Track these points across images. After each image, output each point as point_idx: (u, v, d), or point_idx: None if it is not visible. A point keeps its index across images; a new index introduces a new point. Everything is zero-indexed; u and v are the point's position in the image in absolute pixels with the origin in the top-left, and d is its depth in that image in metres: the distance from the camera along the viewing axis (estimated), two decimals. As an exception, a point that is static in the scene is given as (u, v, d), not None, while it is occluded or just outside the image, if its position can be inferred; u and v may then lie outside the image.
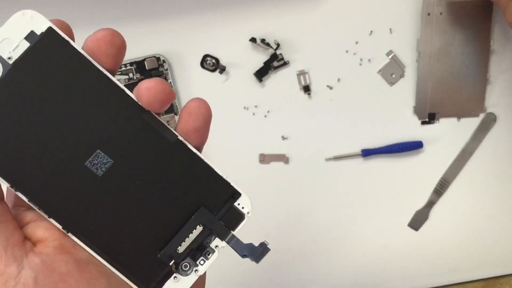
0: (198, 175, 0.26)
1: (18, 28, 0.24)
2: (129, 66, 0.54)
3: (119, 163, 0.24)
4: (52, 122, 0.23)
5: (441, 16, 0.54)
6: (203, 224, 0.26)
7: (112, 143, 0.24)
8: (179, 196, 0.25)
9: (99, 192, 0.24)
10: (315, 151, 0.57)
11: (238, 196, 0.27)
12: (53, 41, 0.24)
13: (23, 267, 0.23)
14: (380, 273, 0.59)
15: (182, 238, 0.25)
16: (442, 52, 0.55)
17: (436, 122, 0.57)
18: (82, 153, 0.24)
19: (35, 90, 0.23)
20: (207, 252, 0.26)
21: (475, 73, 0.56)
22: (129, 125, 0.24)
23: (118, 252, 0.25)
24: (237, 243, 0.26)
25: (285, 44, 0.55)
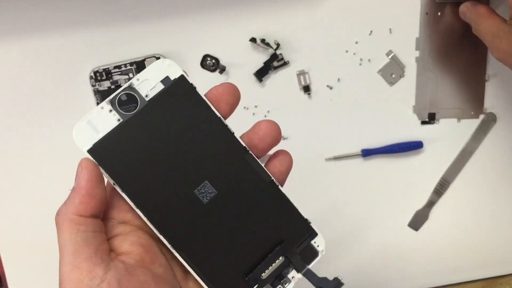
0: (285, 213, 0.30)
1: (156, 72, 0.28)
2: (129, 66, 0.54)
3: (221, 194, 0.28)
4: (172, 152, 0.28)
5: (439, 15, 0.54)
6: (285, 256, 0.29)
7: (218, 176, 0.28)
8: (267, 229, 0.29)
9: (202, 217, 0.28)
10: (315, 151, 0.57)
11: (315, 235, 0.31)
12: (183, 86, 0.28)
13: (109, 269, 0.26)
14: (380, 273, 0.59)
15: (266, 266, 0.29)
16: (441, 51, 0.55)
17: (436, 122, 0.57)
18: (193, 182, 0.28)
19: (162, 125, 0.28)
20: (284, 282, 0.30)
21: (473, 72, 0.56)
22: (234, 163, 0.29)
23: (210, 271, 0.28)
24: (312, 275, 0.30)
25: (285, 44, 0.55)
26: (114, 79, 0.54)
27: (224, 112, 0.29)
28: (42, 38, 0.54)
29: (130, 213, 0.28)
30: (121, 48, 0.54)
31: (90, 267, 0.25)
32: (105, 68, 0.53)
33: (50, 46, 0.54)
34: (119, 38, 0.54)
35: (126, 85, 0.28)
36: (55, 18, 0.54)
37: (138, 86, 0.28)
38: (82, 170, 0.27)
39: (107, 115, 0.27)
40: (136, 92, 0.28)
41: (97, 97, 0.53)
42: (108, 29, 0.54)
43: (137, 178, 0.27)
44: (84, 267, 0.25)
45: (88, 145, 0.27)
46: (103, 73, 0.53)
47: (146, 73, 0.28)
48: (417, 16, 0.55)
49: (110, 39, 0.54)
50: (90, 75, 0.53)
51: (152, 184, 0.28)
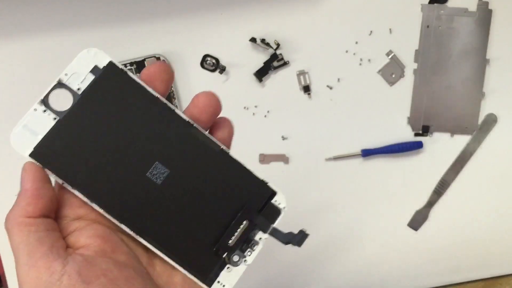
0: (241, 178, 0.30)
1: (84, 63, 0.27)
2: (129, 66, 0.54)
3: (174, 172, 0.28)
4: (117, 140, 0.28)
5: (440, 29, 0.55)
6: (248, 219, 0.29)
7: (167, 155, 0.28)
8: (226, 197, 0.29)
9: (159, 198, 0.28)
10: (315, 151, 0.57)
11: (275, 194, 0.31)
12: (113, 73, 0.28)
13: (67, 263, 0.25)
14: (380, 272, 0.59)
15: (231, 233, 0.29)
16: (439, 65, 0.55)
17: (429, 135, 0.57)
18: (144, 166, 0.28)
19: (101, 115, 0.27)
20: (253, 244, 0.30)
21: (470, 88, 0.56)
22: (181, 139, 0.28)
23: (178, 250, 0.28)
24: (278, 233, 0.30)
25: (285, 44, 0.55)
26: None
27: (161, 90, 0.28)
28: (42, 38, 0.54)
29: (83, 208, 0.28)
30: (121, 48, 0.54)
31: (47, 264, 0.25)
32: (105, 68, 0.53)
33: (50, 46, 0.54)
34: (119, 38, 0.54)
35: (55, 82, 0.27)
36: (55, 18, 0.54)
37: (67, 81, 0.27)
38: (26, 173, 0.27)
39: (42, 116, 0.27)
40: (67, 87, 0.27)
41: (97, 97, 0.53)
42: (108, 29, 0.54)
43: (85, 172, 0.27)
44: (40, 265, 0.25)
45: (28, 149, 0.27)
46: (103, 73, 0.53)
47: (73, 66, 0.27)
48: (416, 16, 0.55)
49: (110, 39, 0.54)
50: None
51: (102, 175, 0.27)
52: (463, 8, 0.55)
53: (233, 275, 0.30)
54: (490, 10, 0.55)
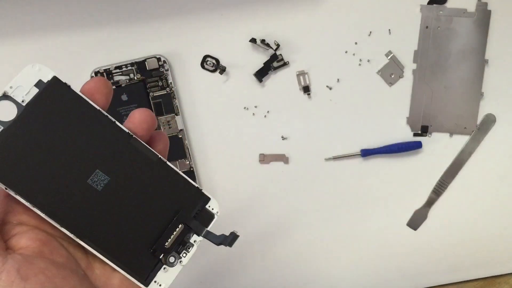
0: (177, 185, 0.32)
1: (29, 77, 0.29)
2: (130, 67, 0.54)
3: (114, 180, 0.30)
4: (59, 149, 0.29)
5: (439, 29, 0.55)
6: (183, 223, 0.32)
7: (108, 164, 0.30)
8: (163, 202, 0.31)
9: (99, 204, 0.30)
10: (314, 151, 0.57)
11: (209, 200, 0.33)
12: (57, 87, 0.29)
13: (6, 261, 0.27)
14: (379, 272, 0.59)
15: (168, 235, 0.31)
16: (438, 65, 0.56)
17: (428, 135, 0.57)
18: (85, 173, 0.30)
19: (44, 125, 0.29)
20: (188, 246, 0.32)
21: (469, 88, 0.56)
22: (120, 149, 0.30)
23: (117, 252, 0.30)
24: (211, 235, 0.32)
25: (285, 44, 0.55)
26: (115, 80, 0.54)
27: (101, 103, 0.30)
28: (43, 38, 0.54)
29: (25, 214, 0.29)
30: (122, 48, 0.55)
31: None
32: (106, 68, 0.54)
33: (51, 46, 0.54)
34: (120, 38, 0.55)
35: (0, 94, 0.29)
36: (56, 18, 0.54)
37: (12, 93, 0.29)
38: None
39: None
40: (12, 99, 0.29)
41: (98, 97, 0.53)
42: (109, 30, 0.54)
43: (28, 178, 0.29)
44: None
45: None
46: (104, 74, 0.54)
47: (18, 79, 0.29)
48: (416, 16, 0.55)
49: (111, 39, 0.55)
50: (91, 76, 0.54)
51: (44, 182, 0.29)
52: (462, 9, 0.55)
53: (169, 275, 0.32)
54: (489, 10, 0.55)
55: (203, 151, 0.57)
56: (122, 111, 0.54)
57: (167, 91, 0.55)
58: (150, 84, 0.54)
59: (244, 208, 0.58)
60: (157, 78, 0.54)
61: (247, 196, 0.58)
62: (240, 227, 0.58)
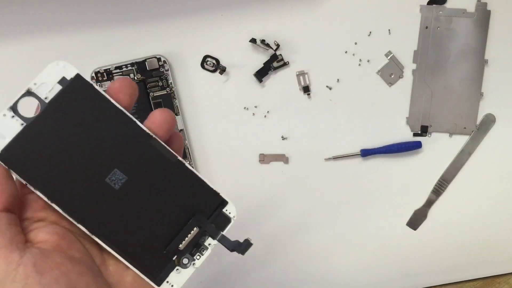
0: (195, 187, 0.32)
1: (52, 74, 0.29)
2: (130, 67, 0.54)
3: (132, 179, 0.30)
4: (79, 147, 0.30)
5: (438, 30, 0.55)
6: (199, 226, 0.31)
7: (126, 163, 0.30)
8: (179, 204, 0.31)
9: (116, 202, 0.30)
10: (314, 151, 0.57)
11: (226, 204, 0.32)
12: (80, 84, 0.30)
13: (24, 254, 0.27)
14: (379, 272, 0.60)
15: (183, 237, 0.31)
16: (438, 65, 0.56)
17: (428, 135, 0.57)
18: (104, 172, 0.30)
19: (65, 123, 0.29)
20: (202, 249, 0.32)
21: (469, 89, 0.56)
22: (140, 149, 0.30)
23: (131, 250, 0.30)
24: (226, 240, 0.32)
25: (285, 44, 0.55)
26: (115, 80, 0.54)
27: (125, 103, 0.31)
28: (43, 39, 0.54)
29: (44, 210, 0.30)
30: (122, 48, 0.55)
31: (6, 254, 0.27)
32: (106, 68, 0.54)
33: (51, 46, 0.54)
34: (120, 38, 0.55)
35: (24, 91, 0.29)
36: (56, 19, 0.54)
37: (36, 90, 0.29)
38: None
39: (10, 121, 0.29)
40: (35, 96, 0.29)
41: (98, 97, 0.53)
42: (109, 30, 0.54)
43: (48, 175, 0.29)
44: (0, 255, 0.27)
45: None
46: (104, 74, 0.54)
47: (42, 76, 0.29)
48: (415, 17, 0.55)
49: (111, 39, 0.55)
50: (91, 76, 0.54)
51: (63, 178, 0.29)
52: (462, 9, 0.55)
53: (182, 276, 0.32)
54: (488, 11, 0.55)
55: (203, 151, 0.57)
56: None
57: (167, 91, 0.55)
58: (150, 84, 0.55)
59: (244, 208, 0.58)
60: (157, 78, 0.54)
61: (247, 196, 0.58)
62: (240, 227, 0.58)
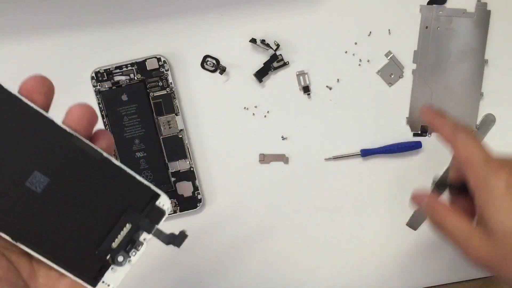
0: (124, 183, 0.30)
1: None
2: (130, 67, 0.54)
3: (55, 181, 0.29)
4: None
5: (438, 30, 0.55)
6: (131, 222, 0.31)
7: (47, 165, 0.29)
8: (109, 201, 0.30)
9: (40, 206, 0.29)
10: (314, 151, 0.57)
11: (159, 197, 0.31)
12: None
13: None
14: (378, 272, 0.60)
15: (115, 235, 0.30)
16: (438, 66, 0.56)
17: (428, 135, 0.57)
18: (22, 175, 0.28)
19: None
20: (137, 245, 0.31)
21: (469, 89, 0.56)
22: (60, 148, 0.29)
23: (61, 254, 0.29)
24: (161, 234, 0.31)
25: (285, 44, 0.55)
26: (115, 80, 0.54)
27: (40, 103, 0.29)
28: (43, 39, 0.54)
29: None
30: (122, 49, 0.55)
31: None
32: (106, 68, 0.54)
33: (51, 46, 0.54)
34: (120, 39, 0.55)
35: None
36: (56, 19, 0.54)
37: None
38: None
39: None
40: None
41: (99, 97, 0.53)
42: (109, 30, 0.54)
43: None
44: None
45: None
46: (104, 74, 0.54)
47: None
48: (415, 17, 0.55)
49: (111, 40, 0.55)
50: (92, 76, 0.54)
51: None
52: (462, 9, 0.55)
53: (118, 275, 0.31)
54: (488, 11, 0.55)
55: (203, 151, 0.57)
56: (122, 111, 0.54)
57: (167, 91, 0.55)
58: (150, 84, 0.55)
59: (244, 208, 0.58)
60: (157, 78, 0.54)
61: (247, 196, 0.58)
62: (240, 227, 0.58)
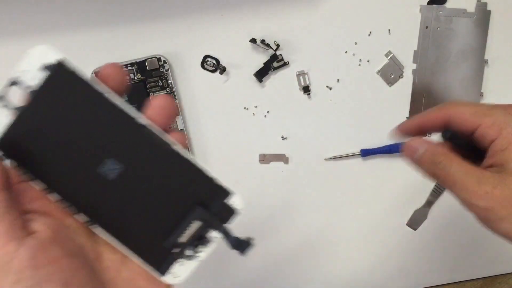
0: (196, 178, 0.29)
1: (36, 61, 0.28)
2: (130, 67, 0.54)
3: (128, 169, 0.28)
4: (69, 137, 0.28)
5: (438, 30, 0.55)
6: (200, 218, 0.30)
7: (121, 152, 0.28)
8: (181, 195, 0.29)
9: (112, 192, 0.29)
10: (314, 151, 0.57)
11: (231, 195, 0.30)
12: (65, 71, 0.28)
13: (22, 245, 0.26)
14: (379, 272, 0.60)
15: (183, 230, 0.29)
16: (438, 65, 0.56)
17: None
18: (95, 162, 0.28)
19: (53, 112, 0.28)
20: (206, 242, 0.30)
21: (469, 89, 0.56)
22: (135, 137, 0.28)
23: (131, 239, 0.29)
24: (229, 235, 0.30)
25: (285, 44, 0.55)
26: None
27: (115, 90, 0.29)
28: (43, 38, 0.54)
29: (37, 201, 0.29)
30: (122, 48, 0.55)
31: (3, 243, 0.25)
32: (106, 68, 0.54)
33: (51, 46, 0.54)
34: (120, 39, 0.55)
35: (10, 80, 0.28)
36: (56, 19, 0.54)
37: (21, 78, 0.28)
38: None
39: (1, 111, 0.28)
40: (22, 84, 0.28)
41: (98, 97, 0.53)
42: (109, 30, 0.54)
43: (44, 164, 0.28)
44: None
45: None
46: (104, 74, 0.54)
47: (26, 63, 0.28)
48: (415, 17, 0.55)
49: (111, 40, 0.55)
50: (92, 75, 0.54)
51: (59, 168, 0.28)
52: (462, 9, 0.55)
53: (186, 268, 0.30)
54: (488, 11, 0.55)
55: (203, 151, 0.57)
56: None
57: (167, 91, 0.55)
58: (150, 84, 0.55)
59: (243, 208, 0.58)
60: (157, 78, 0.54)
61: (247, 196, 0.58)
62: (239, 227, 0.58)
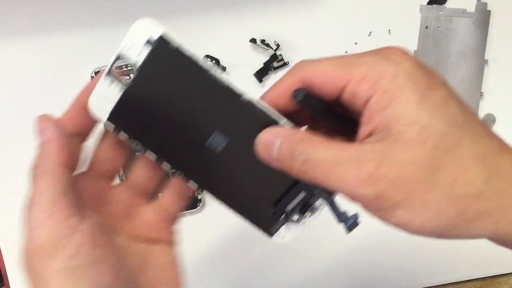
0: None
1: (140, 34, 0.28)
2: (130, 67, 0.54)
3: (234, 141, 0.29)
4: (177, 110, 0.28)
5: (438, 30, 0.55)
6: (306, 189, 0.30)
7: (227, 125, 0.29)
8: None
9: (219, 165, 0.30)
10: (314, 151, 0.57)
11: None
12: (168, 44, 0.28)
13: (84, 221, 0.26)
14: (378, 272, 0.59)
15: (290, 199, 0.30)
16: (438, 65, 0.56)
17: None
18: (204, 134, 0.29)
19: (160, 86, 0.28)
20: (312, 209, 0.31)
21: (469, 89, 0.56)
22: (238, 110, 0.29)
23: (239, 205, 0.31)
24: (336, 206, 0.30)
25: (285, 44, 0.55)
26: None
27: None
28: (43, 38, 0.54)
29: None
30: (122, 48, 0.55)
31: (66, 216, 0.26)
32: (106, 68, 0.54)
33: (51, 46, 0.54)
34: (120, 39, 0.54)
35: (115, 55, 0.28)
36: (56, 18, 0.54)
37: (126, 53, 0.28)
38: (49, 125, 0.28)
39: (110, 86, 0.29)
40: (127, 59, 0.28)
41: (98, 97, 0.53)
42: (109, 29, 0.54)
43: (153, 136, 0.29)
44: (60, 215, 0.26)
45: (105, 114, 0.29)
46: (104, 74, 0.54)
47: (129, 38, 0.28)
48: (415, 17, 0.55)
49: (111, 39, 0.54)
50: (91, 75, 0.54)
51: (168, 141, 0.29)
52: (462, 9, 0.55)
53: (293, 231, 0.31)
54: (488, 11, 0.55)
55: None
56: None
57: (167, 91, 0.55)
58: (150, 84, 0.54)
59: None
60: (157, 78, 0.54)
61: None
62: (240, 227, 0.58)
